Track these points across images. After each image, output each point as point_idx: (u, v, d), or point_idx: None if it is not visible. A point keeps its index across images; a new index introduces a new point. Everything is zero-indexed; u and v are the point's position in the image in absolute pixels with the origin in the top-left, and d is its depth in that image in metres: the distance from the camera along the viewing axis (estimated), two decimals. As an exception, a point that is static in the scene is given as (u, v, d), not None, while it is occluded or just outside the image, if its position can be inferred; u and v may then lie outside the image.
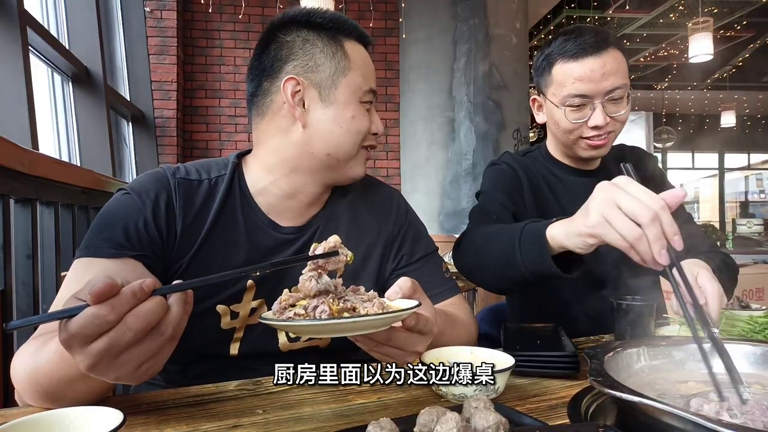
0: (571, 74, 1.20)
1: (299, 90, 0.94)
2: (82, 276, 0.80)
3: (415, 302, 0.69)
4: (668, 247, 0.74)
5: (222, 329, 0.93)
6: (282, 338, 0.98)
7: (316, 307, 0.66)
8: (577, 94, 1.20)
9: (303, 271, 0.70)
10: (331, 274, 0.72)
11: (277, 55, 0.96)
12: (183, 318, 0.58)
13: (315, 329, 0.67)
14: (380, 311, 0.66)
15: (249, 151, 1.04)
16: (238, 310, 0.94)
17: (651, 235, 0.74)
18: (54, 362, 0.66)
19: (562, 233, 0.89)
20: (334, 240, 0.72)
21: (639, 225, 0.75)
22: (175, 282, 0.59)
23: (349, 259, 0.72)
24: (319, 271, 0.70)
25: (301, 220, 1.02)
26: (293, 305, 0.69)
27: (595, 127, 1.21)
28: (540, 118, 1.36)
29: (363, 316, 0.64)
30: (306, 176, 0.98)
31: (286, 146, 0.96)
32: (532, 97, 1.37)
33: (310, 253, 0.70)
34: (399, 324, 0.70)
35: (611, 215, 0.77)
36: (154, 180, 0.93)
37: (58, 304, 0.80)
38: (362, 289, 0.73)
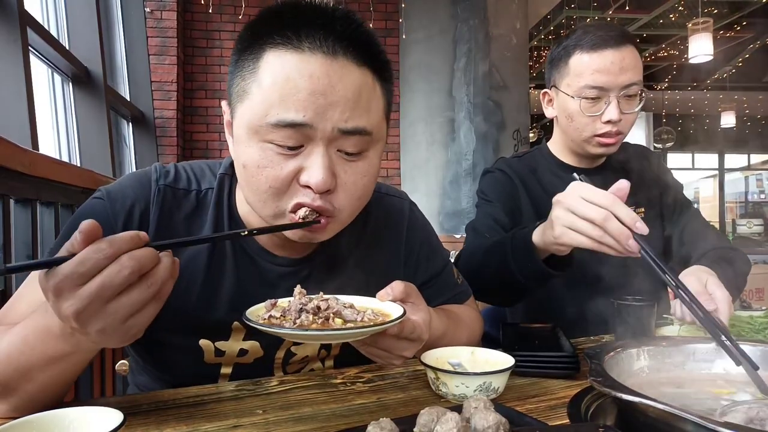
0: (589, 65, 1.19)
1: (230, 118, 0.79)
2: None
3: (399, 312, 0.66)
4: (634, 235, 0.78)
5: (206, 363, 0.87)
6: (279, 374, 0.91)
7: (299, 314, 0.65)
8: (594, 85, 1.19)
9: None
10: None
11: None
12: (170, 277, 0.57)
13: (287, 336, 0.67)
14: (358, 323, 0.64)
15: None
16: (224, 348, 0.86)
17: (611, 229, 0.78)
18: (15, 348, 0.64)
19: (540, 242, 0.94)
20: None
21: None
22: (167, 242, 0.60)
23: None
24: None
25: (299, 250, 0.88)
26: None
27: (608, 122, 1.20)
28: (549, 112, 1.34)
29: (337, 329, 0.63)
30: None
31: None
32: (542, 91, 1.35)
33: (295, 297, 0.68)
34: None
35: (570, 222, 0.83)
36: (135, 184, 0.84)
37: (12, 306, 0.76)
38: (354, 303, 0.70)
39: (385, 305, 0.71)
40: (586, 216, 0.80)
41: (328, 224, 0.75)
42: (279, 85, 0.68)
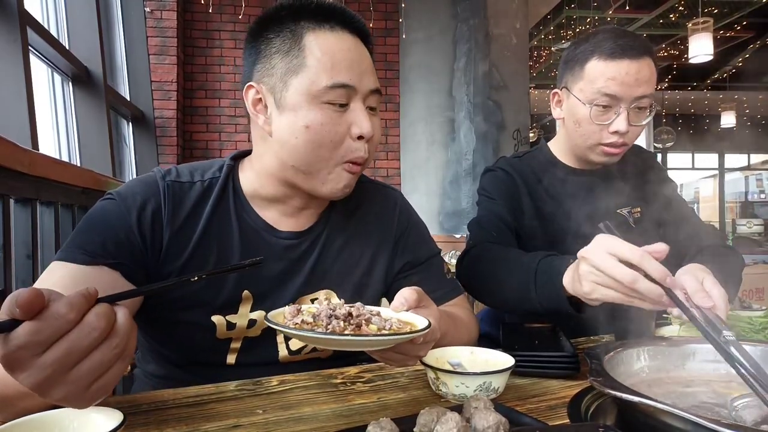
0: (604, 72, 1.17)
1: (260, 97, 0.89)
2: (52, 278, 0.76)
3: (425, 322, 0.66)
4: (666, 291, 0.76)
5: (217, 339, 0.91)
6: (282, 351, 0.95)
7: (329, 320, 0.65)
8: (606, 93, 1.17)
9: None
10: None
11: (247, 61, 0.92)
12: (132, 333, 0.51)
13: (321, 341, 0.66)
14: (386, 331, 0.65)
15: (249, 152, 0.99)
16: (234, 321, 0.91)
17: (641, 290, 0.76)
18: None
19: (570, 288, 0.90)
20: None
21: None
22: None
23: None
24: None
25: (300, 224, 0.97)
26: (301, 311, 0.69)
27: (615, 132, 1.19)
28: (557, 113, 1.33)
29: (369, 335, 0.63)
30: (286, 185, 0.92)
31: (265, 153, 0.92)
32: (553, 91, 1.33)
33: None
34: None
35: (600, 280, 0.80)
36: (143, 185, 0.89)
37: None
38: (382, 313, 0.71)
39: (402, 314, 0.71)
40: (613, 276, 0.78)
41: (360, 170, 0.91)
42: (328, 56, 0.85)
